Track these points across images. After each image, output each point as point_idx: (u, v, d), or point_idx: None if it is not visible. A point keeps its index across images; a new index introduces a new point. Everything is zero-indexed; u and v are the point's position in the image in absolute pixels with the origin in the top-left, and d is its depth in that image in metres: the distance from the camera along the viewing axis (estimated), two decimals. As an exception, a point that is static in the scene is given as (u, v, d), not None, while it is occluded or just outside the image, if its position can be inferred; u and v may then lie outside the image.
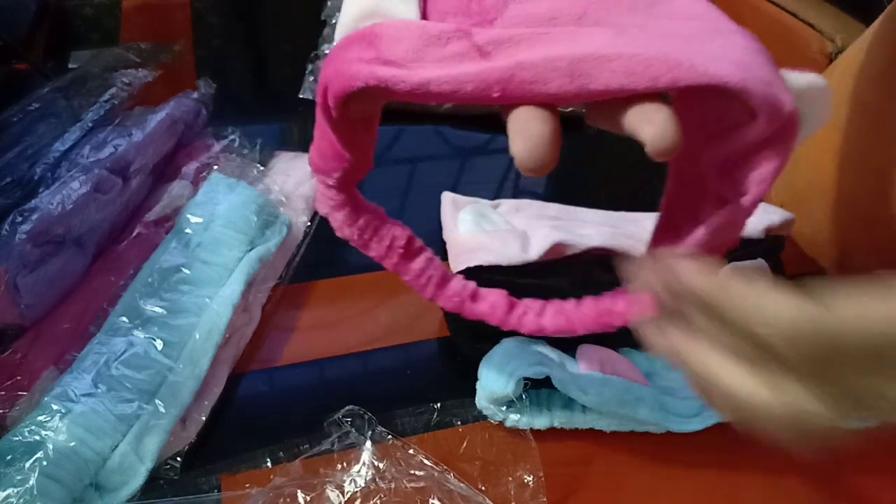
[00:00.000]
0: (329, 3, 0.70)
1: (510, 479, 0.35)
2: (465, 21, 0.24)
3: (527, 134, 0.21)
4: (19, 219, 0.37)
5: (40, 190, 0.41)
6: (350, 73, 0.22)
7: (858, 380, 0.20)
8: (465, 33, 0.23)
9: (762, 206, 0.48)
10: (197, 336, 0.38)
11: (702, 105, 0.24)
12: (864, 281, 0.20)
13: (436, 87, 0.22)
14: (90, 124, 0.46)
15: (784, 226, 0.46)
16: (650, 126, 0.20)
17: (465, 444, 0.37)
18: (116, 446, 0.33)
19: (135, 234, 0.44)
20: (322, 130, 0.27)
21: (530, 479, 0.35)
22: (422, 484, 0.34)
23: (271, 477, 0.35)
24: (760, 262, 0.43)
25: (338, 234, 0.32)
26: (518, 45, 0.22)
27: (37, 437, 0.31)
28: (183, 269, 0.40)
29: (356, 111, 0.25)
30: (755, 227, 0.45)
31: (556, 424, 0.38)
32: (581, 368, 0.37)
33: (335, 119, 0.25)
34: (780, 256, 0.45)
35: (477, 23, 0.23)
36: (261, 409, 0.40)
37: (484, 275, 0.42)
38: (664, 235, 0.28)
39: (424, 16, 0.24)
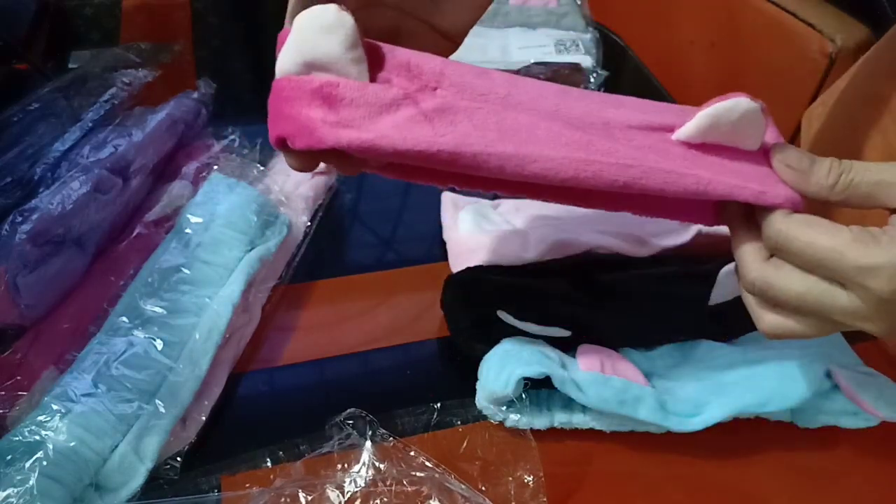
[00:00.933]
0: (329, 3, 0.70)
1: (510, 479, 0.35)
2: (409, 84, 0.27)
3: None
4: (19, 219, 0.37)
5: (40, 190, 0.41)
6: (318, 135, 0.26)
7: None
8: (413, 100, 0.27)
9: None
10: (197, 336, 0.38)
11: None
12: None
13: (393, 153, 0.26)
14: (90, 124, 0.46)
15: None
16: None
17: (465, 444, 0.37)
18: (116, 446, 0.33)
19: (135, 234, 0.44)
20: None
21: (530, 479, 0.35)
22: (422, 484, 0.34)
23: (271, 477, 0.35)
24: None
25: None
26: (456, 115, 0.27)
27: (37, 437, 0.31)
28: (183, 269, 0.40)
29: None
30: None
31: (556, 424, 0.38)
32: (581, 368, 0.37)
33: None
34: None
35: (420, 88, 0.27)
36: (261, 409, 0.40)
37: (484, 274, 0.42)
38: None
39: (371, 74, 0.27)
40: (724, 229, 0.44)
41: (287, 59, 0.27)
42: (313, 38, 0.26)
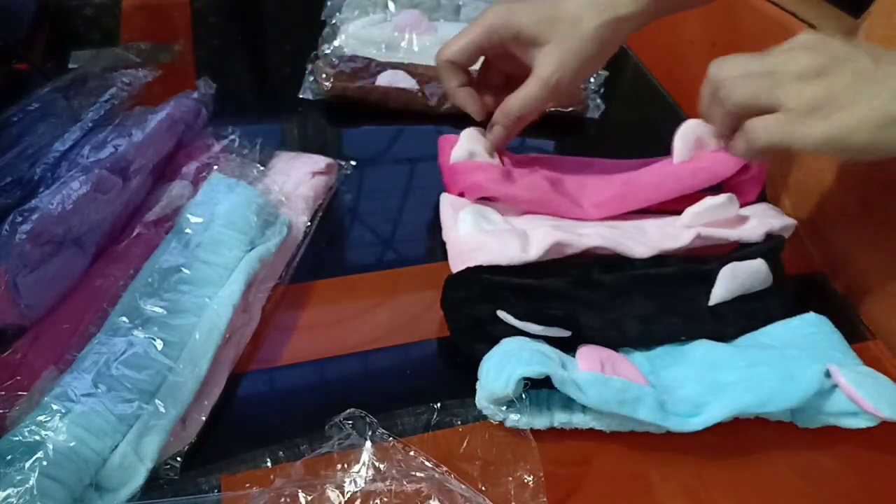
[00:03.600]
0: (329, 3, 0.70)
1: (510, 479, 0.35)
2: (521, 166, 0.51)
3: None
4: (19, 219, 0.37)
5: (40, 190, 0.41)
6: (484, 187, 0.47)
7: None
8: (524, 174, 0.49)
9: (763, 210, 0.47)
10: (197, 336, 0.38)
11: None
12: None
13: (520, 200, 0.48)
14: (90, 124, 0.46)
15: (784, 230, 0.46)
16: None
17: (465, 444, 0.37)
18: (116, 446, 0.33)
19: (135, 234, 0.44)
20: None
21: (530, 479, 0.35)
22: (422, 484, 0.34)
23: (271, 477, 0.35)
24: (760, 262, 0.43)
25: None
26: (551, 183, 0.49)
27: (37, 437, 0.31)
28: (183, 269, 0.40)
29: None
30: (755, 231, 0.45)
31: (556, 424, 0.38)
32: (581, 368, 0.37)
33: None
34: (780, 257, 0.45)
35: (526, 169, 0.50)
36: (261, 409, 0.40)
37: (484, 275, 0.42)
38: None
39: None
40: (723, 232, 0.45)
41: (460, 152, 0.49)
42: (472, 142, 0.49)
